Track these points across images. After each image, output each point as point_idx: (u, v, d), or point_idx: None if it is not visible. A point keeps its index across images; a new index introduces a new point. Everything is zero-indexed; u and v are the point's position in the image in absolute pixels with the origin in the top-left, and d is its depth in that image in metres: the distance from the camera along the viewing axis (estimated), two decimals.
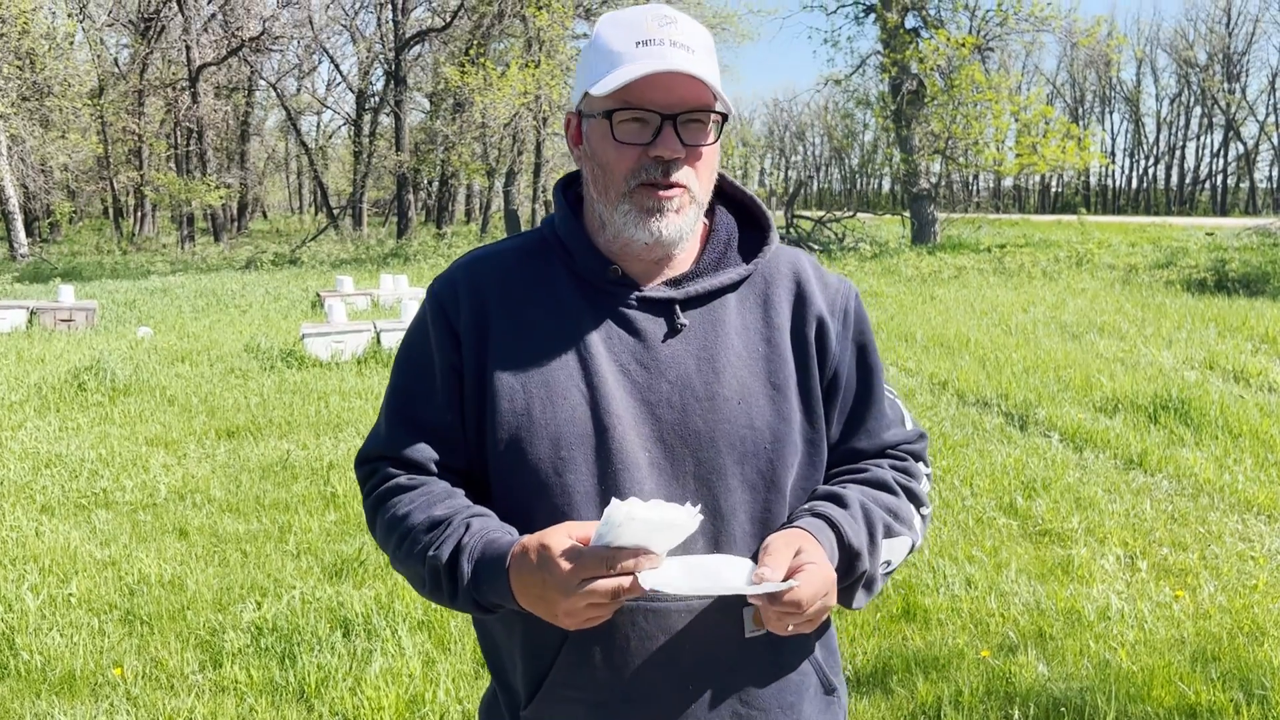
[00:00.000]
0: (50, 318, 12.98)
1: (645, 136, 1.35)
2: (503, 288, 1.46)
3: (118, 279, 21.25)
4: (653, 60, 1.32)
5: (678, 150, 1.35)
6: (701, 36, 1.38)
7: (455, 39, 33.98)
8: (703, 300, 1.45)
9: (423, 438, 1.45)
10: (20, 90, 25.68)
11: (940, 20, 25.74)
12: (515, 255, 1.50)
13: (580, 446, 1.37)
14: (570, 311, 1.43)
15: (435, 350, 1.45)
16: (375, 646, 3.92)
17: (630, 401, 1.39)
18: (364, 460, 1.53)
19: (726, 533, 1.39)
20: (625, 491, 1.36)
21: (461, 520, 1.36)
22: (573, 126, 1.45)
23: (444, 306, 1.46)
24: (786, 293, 1.49)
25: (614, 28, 1.37)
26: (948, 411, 7.63)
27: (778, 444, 1.42)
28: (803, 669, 1.47)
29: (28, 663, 3.87)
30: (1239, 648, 3.82)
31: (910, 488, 1.51)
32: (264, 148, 50.03)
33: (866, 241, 23.66)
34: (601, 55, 1.36)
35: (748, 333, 1.45)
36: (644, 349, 1.41)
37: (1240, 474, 5.91)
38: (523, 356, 1.41)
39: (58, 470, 6.45)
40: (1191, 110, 72.14)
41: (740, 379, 1.42)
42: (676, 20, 1.35)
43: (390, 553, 1.44)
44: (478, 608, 1.35)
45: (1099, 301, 13.43)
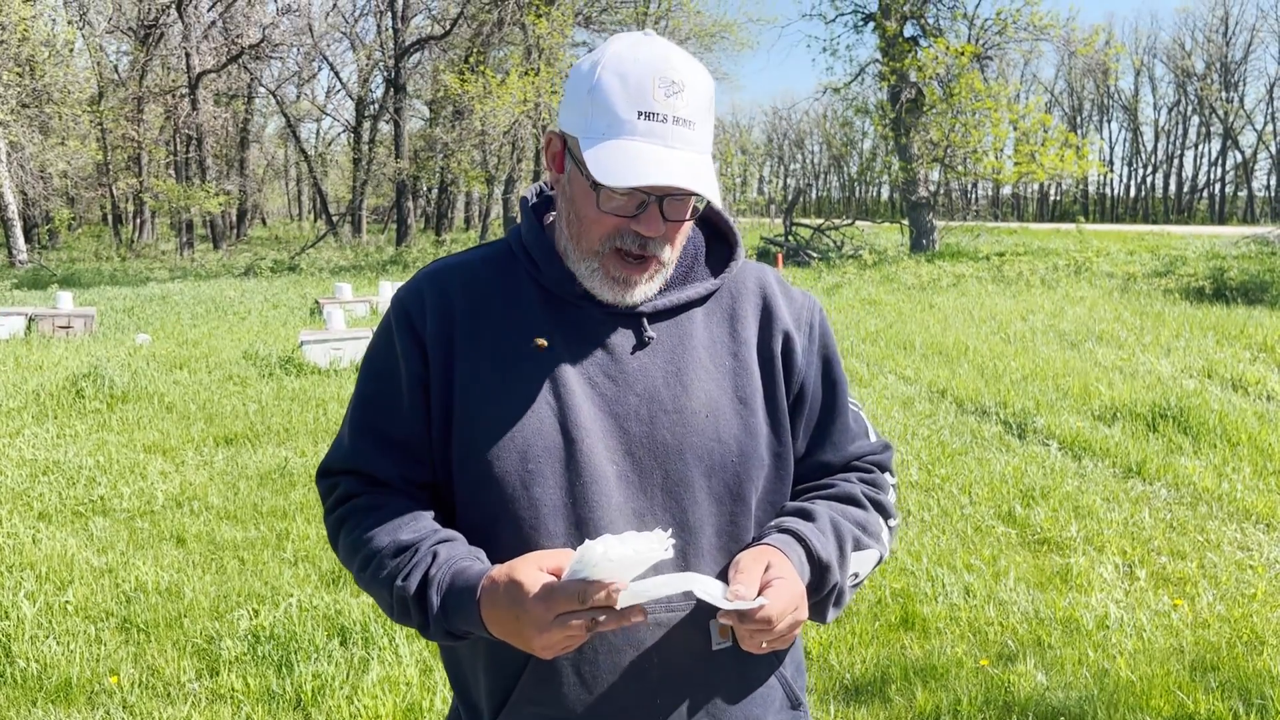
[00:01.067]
0: (49, 324, 12.97)
1: (629, 209, 1.33)
2: (469, 298, 1.44)
3: (116, 286, 21.25)
4: (654, 147, 1.29)
5: (659, 230, 1.34)
6: (704, 99, 1.34)
7: (455, 47, 34.06)
8: (670, 314, 1.45)
9: (387, 451, 1.43)
10: (20, 97, 25.71)
11: (939, 29, 25.80)
12: (481, 265, 1.47)
13: (548, 459, 1.36)
14: (537, 323, 1.41)
15: (401, 360, 1.43)
16: (372, 655, 3.91)
17: (598, 414, 1.38)
18: (325, 473, 1.50)
19: (694, 545, 1.39)
20: (593, 503, 1.35)
21: (428, 548, 1.34)
22: (554, 149, 1.42)
23: (410, 315, 1.43)
24: (753, 308, 1.49)
25: (618, 81, 1.31)
26: (946, 419, 7.63)
27: (744, 458, 1.42)
28: (769, 683, 1.47)
29: (24, 670, 3.86)
30: (1238, 657, 3.82)
31: (878, 500, 1.52)
32: (263, 155, 50.09)
33: (865, 249, 23.68)
34: (601, 112, 1.31)
35: (715, 347, 1.45)
36: (612, 362, 1.40)
37: (1239, 483, 5.91)
38: (489, 368, 1.39)
39: (55, 477, 6.44)
40: (1189, 119, 72.35)
41: (708, 392, 1.42)
42: (683, 88, 1.31)
43: (355, 573, 1.42)
44: (449, 636, 1.33)
45: (1097, 310, 13.44)
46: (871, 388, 8.82)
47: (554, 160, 1.42)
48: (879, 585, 4.53)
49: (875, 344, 11.15)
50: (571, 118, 1.35)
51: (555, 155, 1.41)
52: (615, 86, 1.30)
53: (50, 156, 26.64)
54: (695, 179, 1.28)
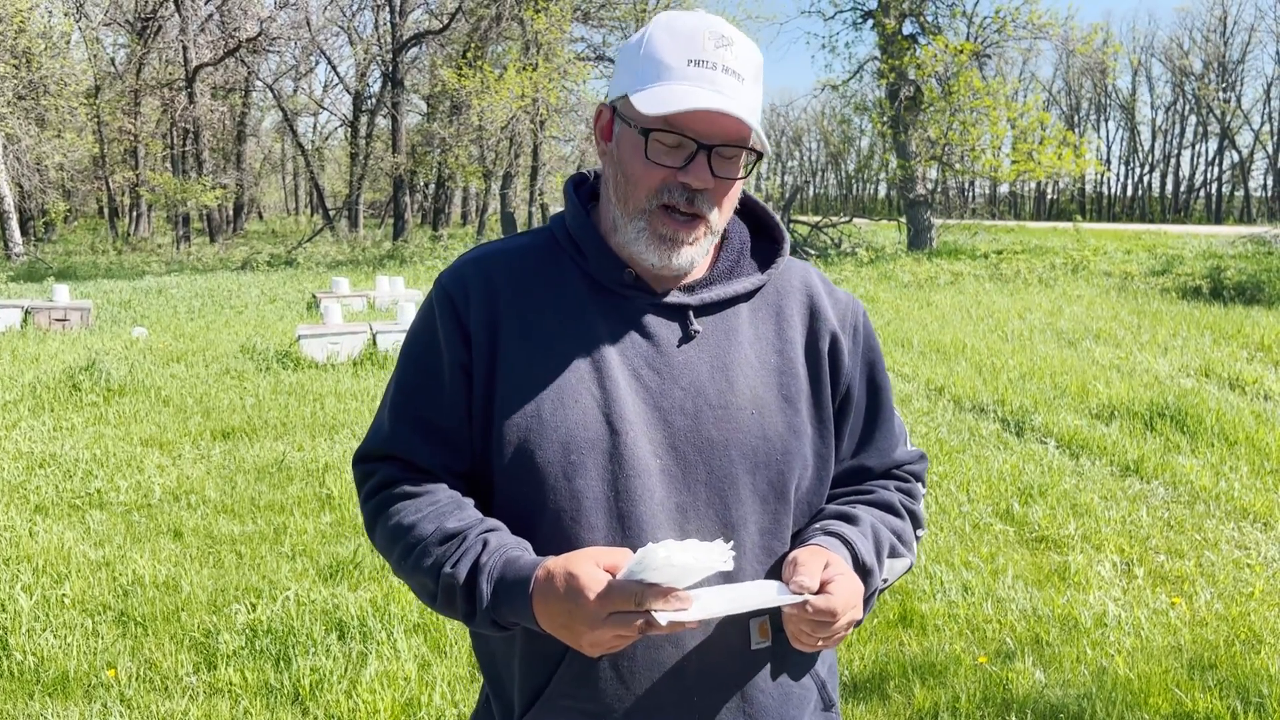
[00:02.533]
0: (45, 317, 12.94)
1: (677, 160, 1.32)
2: (514, 286, 1.42)
3: (113, 279, 21.20)
4: (702, 89, 1.29)
5: (708, 181, 1.33)
6: (754, 61, 1.35)
7: (453, 41, 33.99)
8: (717, 308, 1.44)
9: (428, 439, 1.42)
10: (16, 89, 25.63)
11: (938, 27, 25.77)
12: (526, 253, 1.46)
13: (590, 451, 1.34)
14: (582, 313, 1.40)
15: (444, 347, 1.41)
16: (370, 649, 3.91)
17: (642, 407, 1.37)
18: (364, 459, 1.47)
19: (737, 542, 1.38)
20: (636, 497, 1.34)
21: (477, 536, 1.33)
22: (603, 120, 1.42)
23: (454, 302, 1.41)
24: (799, 306, 1.49)
25: (668, 36, 1.33)
26: (944, 417, 7.63)
27: (788, 456, 1.41)
28: (805, 684, 1.47)
29: (21, 664, 3.85)
30: (1235, 655, 3.82)
31: (913, 510, 1.54)
32: (260, 148, 49.96)
33: (863, 247, 23.68)
34: (650, 63, 1.32)
35: (760, 343, 1.44)
36: (657, 354, 1.39)
37: (1236, 481, 5.92)
38: (533, 358, 1.38)
39: (52, 470, 6.43)
40: (1187, 119, 72.36)
41: (753, 388, 1.41)
42: (733, 42, 1.32)
43: (394, 561, 1.40)
44: (495, 627, 1.32)
45: (1095, 308, 13.45)
46: None
47: (603, 131, 1.41)
48: None
49: None
50: (621, 81, 1.36)
51: (604, 126, 1.41)
52: (664, 39, 1.32)
53: (46, 149, 26.57)
54: (740, 108, 1.28)
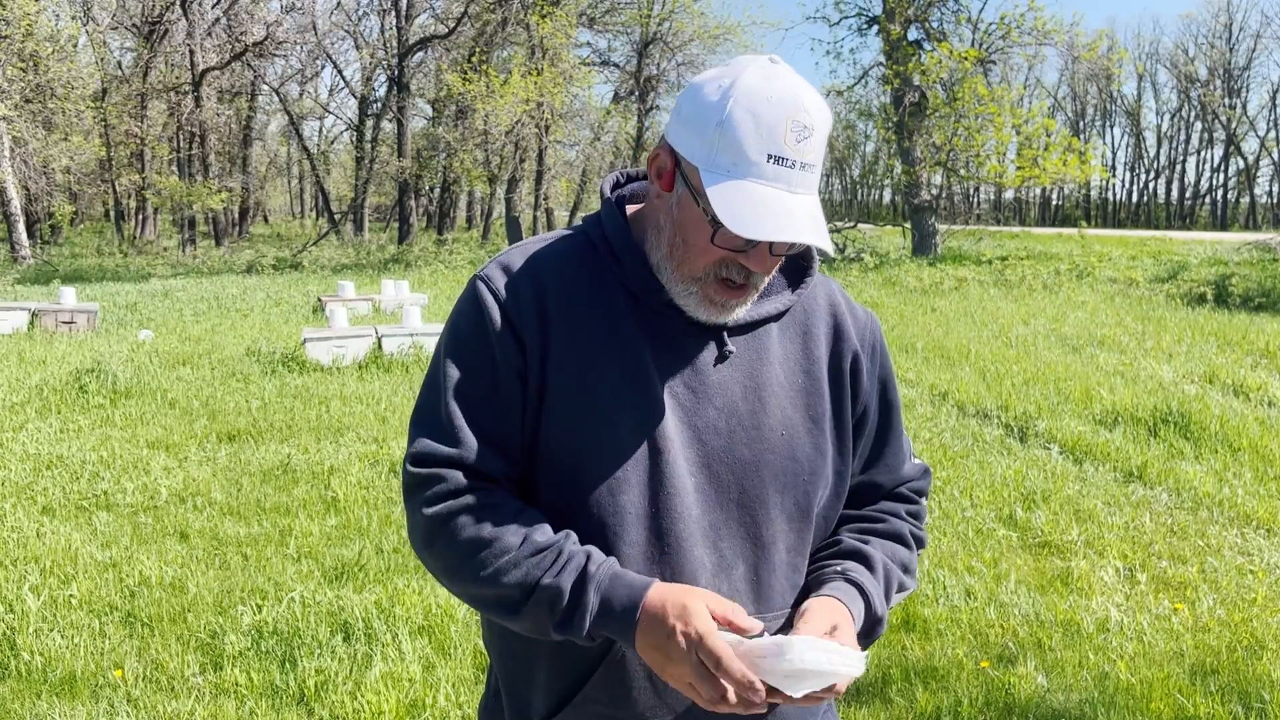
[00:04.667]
0: (52, 320, 12.99)
1: (740, 244, 1.31)
2: (563, 292, 1.40)
3: (119, 282, 21.27)
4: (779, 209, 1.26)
5: (768, 267, 1.34)
6: (825, 139, 1.32)
7: (458, 46, 34.06)
8: (749, 328, 1.44)
9: (495, 448, 1.38)
10: (23, 92, 25.70)
11: (943, 33, 25.81)
12: (572, 261, 1.44)
13: (635, 467, 1.36)
14: (624, 328, 1.39)
15: (498, 353, 1.38)
16: (375, 651, 3.93)
17: (679, 425, 1.38)
18: (425, 461, 1.37)
19: (766, 561, 1.41)
20: (674, 514, 1.36)
21: (574, 547, 1.33)
22: (662, 164, 1.37)
23: (506, 309, 1.39)
24: (825, 325, 1.50)
25: (750, 120, 1.27)
26: (948, 422, 7.64)
27: (814, 476, 1.45)
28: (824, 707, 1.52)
29: (28, 663, 3.87)
30: (1238, 661, 3.83)
31: (919, 536, 1.58)
32: (266, 152, 50.08)
33: (868, 252, 23.69)
34: (729, 148, 1.28)
35: (789, 363, 1.46)
36: (693, 373, 1.40)
37: (1240, 488, 5.92)
38: (581, 368, 1.38)
39: (59, 472, 6.46)
40: (1192, 125, 72.26)
41: (784, 410, 1.43)
42: (813, 131, 1.29)
43: (467, 571, 1.34)
44: (587, 637, 1.32)
45: (1099, 314, 13.45)
46: None
47: (661, 176, 1.38)
48: None
49: None
50: (692, 145, 1.31)
51: (664, 172, 1.37)
52: (748, 125, 1.27)
53: (53, 152, 26.63)
54: (817, 231, 1.28)
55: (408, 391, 9.05)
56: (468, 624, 4.18)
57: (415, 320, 11.22)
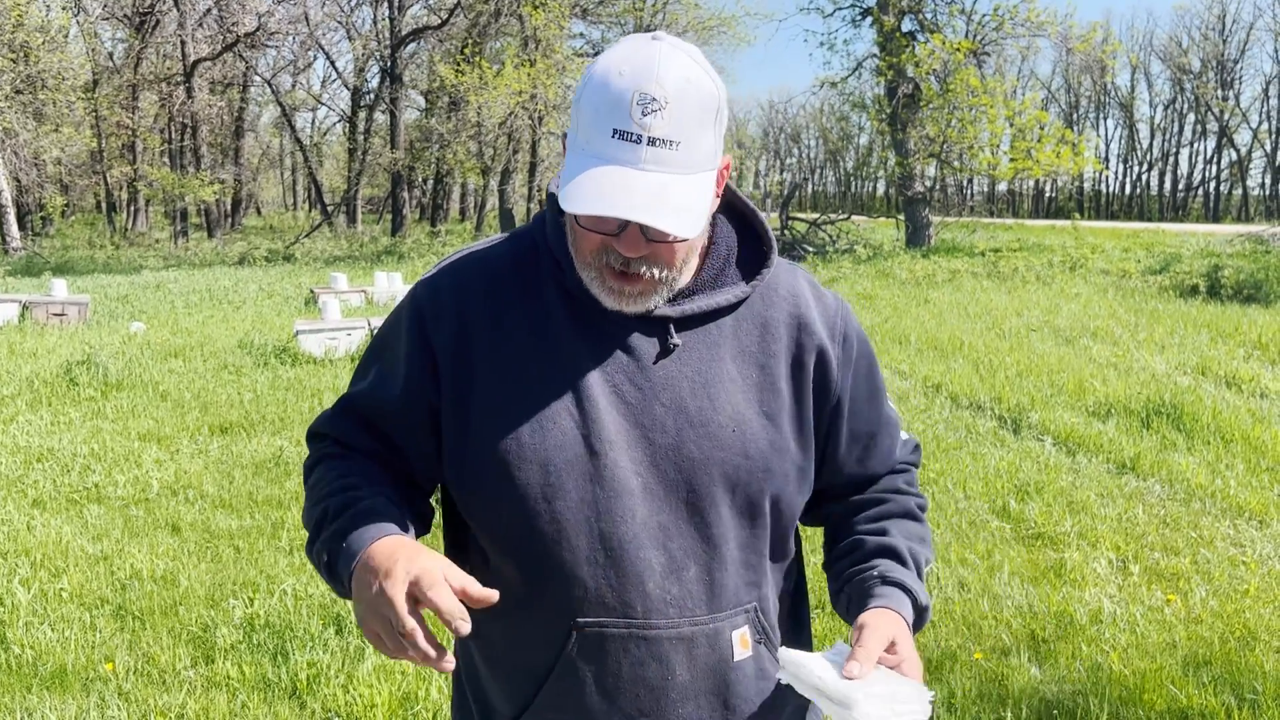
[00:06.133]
0: (42, 312, 12.93)
1: (610, 228, 1.26)
2: (490, 300, 1.38)
3: (110, 274, 21.19)
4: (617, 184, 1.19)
5: (640, 250, 1.27)
6: (694, 113, 1.22)
7: (451, 37, 33.96)
8: (699, 320, 1.39)
9: (371, 434, 1.43)
10: (14, 83, 25.59)
11: (937, 24, 25.77)
12: (507, 263, 1.41)
13: (570, 472, 1.32)
14: (559, 328, 1.35)
15: (404, 363, 1.39)
16: (368, 644, 3.92)
17: (623, 424, 1.33)
18: (311, 437, 1.52)
19: (719, 560, 1.37)
20: (618, 517, 1.32)
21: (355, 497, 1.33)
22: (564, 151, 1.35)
23: (424, 320, 1.38)
24: (785, 317, 1.43)
25: (600, 93, 1.21)
26: (941, 414, 7.65)
27: (768, 473, 1.38)
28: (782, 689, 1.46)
29: (19, 657, 3.86)
30: (1230, 652, 3.84)
31: (922, 503, 1.56)
32: (258, 144, 49.90)
33: (861, 244, 23.69)
34: (583, 119, 1.24)
35: (743, 357, 1.40)
36: (637, 369, 1.35)
37: (1232, 479, 5.93)
38: (508, 377, 1.34)
39: (49, 465, 6.43)
40: (1185, 117, 72.37)
41: (734, 405, 1.37)
42: (665, 104, 1.19)
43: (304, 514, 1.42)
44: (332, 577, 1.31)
45: (1092, 306, 13.46)
46: None
47: None
48: None
49: (871, 339, 11.09)
50: (574, 110, 1.29)
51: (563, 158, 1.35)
52: (596, 99, 1.22)
53: (44, 143, 26.55)
54: (655, 210, 1.19)
55: None
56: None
57: None
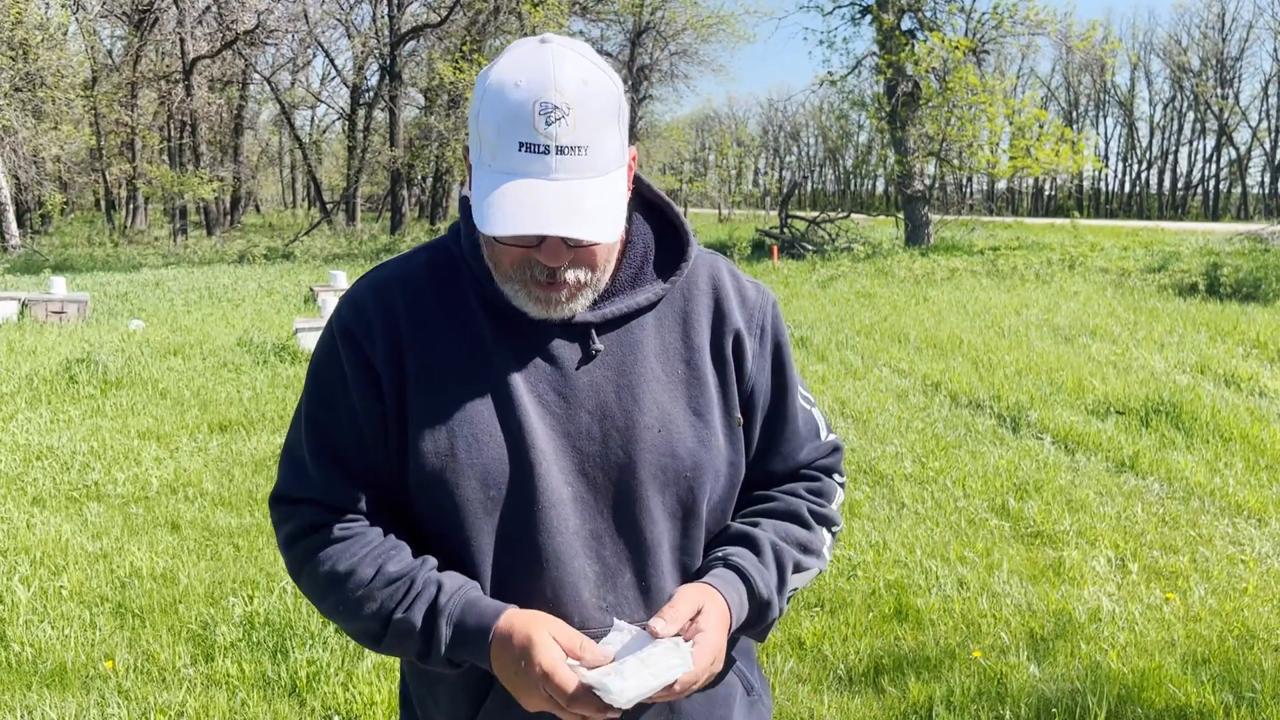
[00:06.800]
0: (42, 309, 12.93)
1: (530, 240, 1.25)
2: (414, 315, 1.36)
3: (110, 271, 21.18)
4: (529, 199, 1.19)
5: (562, 260, 1.26)
6: (597, 114, 1.21)
7: (450, 35, 33.92)
8: (619, 322, 1.37)
9: (351, 481, 1.36)
10: (13, 81, 25.57)
11: (936, 22, 25.77)
12: (424, 275, 1.39)
13: (505, 485, 1.31)
14: (484, 340, 1.34)
15: (353, 387, 1.35)
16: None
17: (551, 435, 1.33)
18: (282, 500, 1.41)
19: (653, 564, 1.36)
20: (552, 529, 1.32)
21: (425, 577, 1.31)
22: (467, 167, 1.31)
23: (357, 340, 1.35)
24: (706, 309, 1.42)
25: (498, 108, 1.20)
26: (940, 413, 7.65)
27: (698, 471, 1.37)
28: (729, 680, 1.45)
29: (18, 655, 3.86)
30: (1229, 650, 3.84)
31: (822, 514, 1.49)
32: (258, 142, 49.88)
33: (860, 242, 23.69)
34: (484, 135, 1.22)
35: (667, 355, 1.39)
36: (561, 378, 1.34)
37: (1231, 478, 5.94)
38: (441, 392, 1.33)
39: (49, 462, 6.43)
40: (1184, 115, 72.42)
41: (660, 405, 1.36)
42: (568, 110, 1.19)
43: (328, 605, 1.36)
44: (450, 665, 1.31)
45: (1091, 305, 13.47)
46: (866, 380, 8.84)
47: (468, 174, 1.32)
48: (873, 577, 4.55)
49: (870, 337, 11.17)
50: (471, 142, 1.27)
51: (468, 169, 1.31)
52: (496, 113, 1.20)
53: (43, 141, 26.52)
54: (571, 220, 1.19)
55: None
56: None
57: None
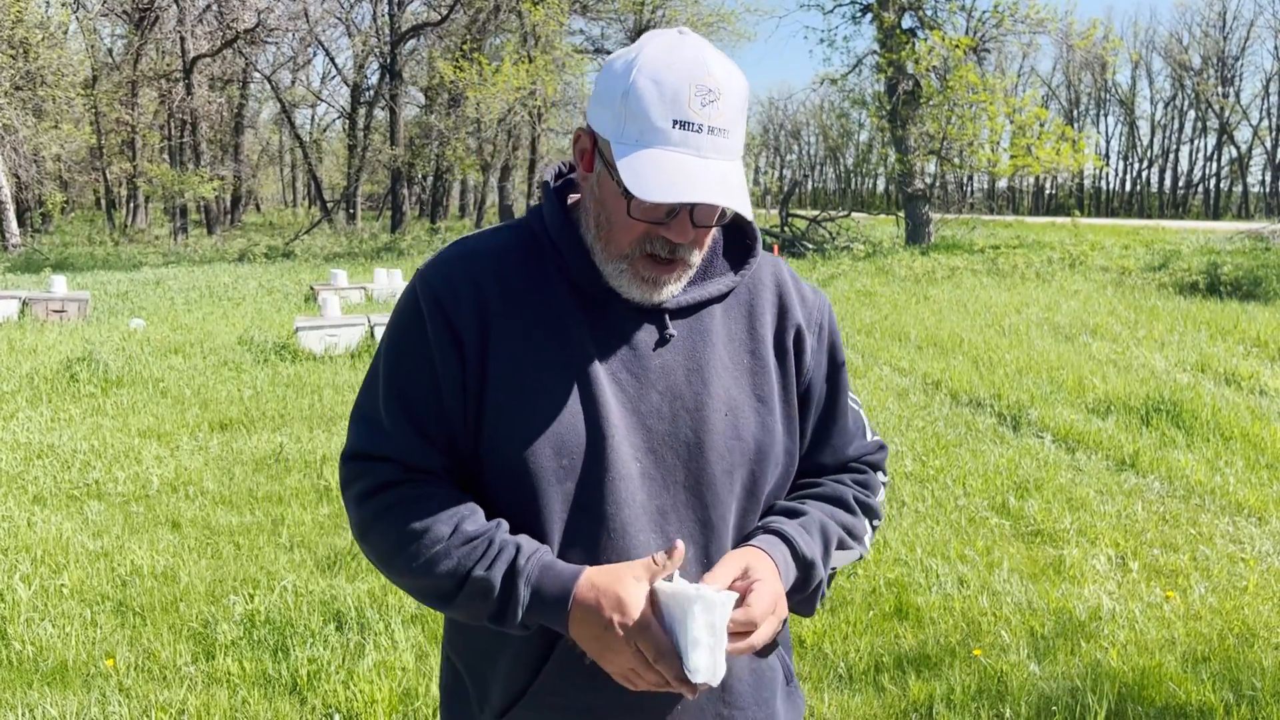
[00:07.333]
0: (42, 308, 12.93)
1: (659, 216, 1.31)
2: (500, 288, 1.41)
3: (110, 270, 21.19)
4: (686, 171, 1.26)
5: (690, 236, 1.34)
6: (738, 104, 1.31)
7: (451, 33, 33.93)
8: (691, 310, 1.44)
9: (426, 441, 1.40)
10: (13, 80, 25.58)
11: (937, 21, 25.76)
12: (510, 253, 1.45)
13: (578, 455, 1.36)
14: (565, 317, 1.40)
15: (436, 353, 1.39)
16: (368, 640, 3.92)
17: (623, 412, 1.38)
18: (359, 457, 1.42)
19: (716, 542, 1.41)
20: (620, 501, 1.36)
21: (504, 538, 1.34)
22: (583, 146, 1.39)
23: (443, 307, 1.39)
24: (770, 304, 1.50)
25: (653, 87, 1.28)
26: (941, 411, 7.65)
27: (761, 456, 1.44)
28: (772, 663, 1.51)
29: (19, 653, 3.86)
30: (1229, 649, 3.84)
31: (866, 503, 1.55)
32: (258, 140, 49.88)
33: (860, 241, 23.68)
34: (634, 119, 1.28)
35: (733, 344, 1.46)
36: (635, 358, 1.40)
37: (1231, 476, 5.94)
38: (521, 362, 1.38)
39: (50, 461, 6.43)
40: (1185, 114, 72.39)
41: (727, 390, 1.43)
42: (719, 95, 1.28)
43: (398, 562, 1.37)
44: (522, 627, 1.34)
45: (1092, 303, 13.46)
46: (866, 379, 8.84)
47: (582, 157, 1.39)
48: (873, 575, 4.55)
49: (870, 335, 11.17)
50: (603, 119, 1.33)
51: (584, 153, 1.39)
52: (651, 93, 1.27)
53: (44, 140, 26.53)
54: (728, 194, 1.27)
55: None
56: None
57: None
